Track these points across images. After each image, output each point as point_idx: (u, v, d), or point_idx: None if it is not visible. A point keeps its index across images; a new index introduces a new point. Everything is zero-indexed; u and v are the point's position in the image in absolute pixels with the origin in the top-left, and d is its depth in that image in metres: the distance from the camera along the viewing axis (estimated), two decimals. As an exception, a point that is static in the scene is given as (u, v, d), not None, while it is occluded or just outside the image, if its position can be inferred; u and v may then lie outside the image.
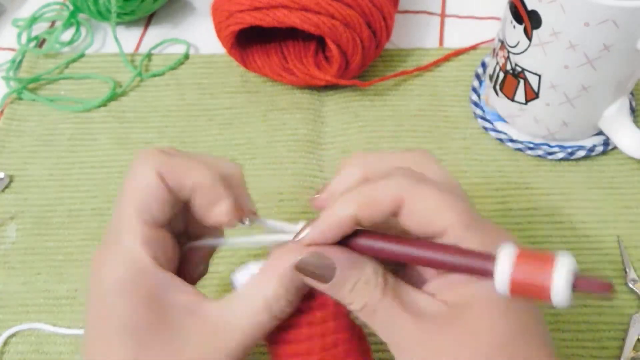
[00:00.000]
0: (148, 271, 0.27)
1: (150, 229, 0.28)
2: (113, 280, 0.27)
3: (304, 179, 0.48)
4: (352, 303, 0.27)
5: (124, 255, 0.28)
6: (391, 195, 0.26)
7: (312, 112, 0.53)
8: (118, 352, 0.26)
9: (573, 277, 0.23)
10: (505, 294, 0.24)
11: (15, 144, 0.52)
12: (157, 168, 0.28)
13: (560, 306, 0.23)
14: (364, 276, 0.27)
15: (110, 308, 0.27)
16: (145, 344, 0.26)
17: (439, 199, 0.26)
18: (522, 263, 0.24)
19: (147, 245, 0.28)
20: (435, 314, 0.26)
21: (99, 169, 0.50)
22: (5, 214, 0.48)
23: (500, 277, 0.24)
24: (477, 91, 0.53)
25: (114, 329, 0.27)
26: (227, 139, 0.51)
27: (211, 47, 0.57)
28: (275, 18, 0.46)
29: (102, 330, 0.27)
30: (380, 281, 0.27)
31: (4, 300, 0.43)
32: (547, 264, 0.23)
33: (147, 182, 0.28)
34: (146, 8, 0.58)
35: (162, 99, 0.55)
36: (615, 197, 0.47)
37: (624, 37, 0.40)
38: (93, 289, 0.28)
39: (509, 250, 0.24)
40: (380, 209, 0.26)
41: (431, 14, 0.60)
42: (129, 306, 0.27)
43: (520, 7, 0.42)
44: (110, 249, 0.28)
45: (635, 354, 0.39)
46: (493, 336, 0.26)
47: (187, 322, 0.27)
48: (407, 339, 0.26)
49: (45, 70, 0.56)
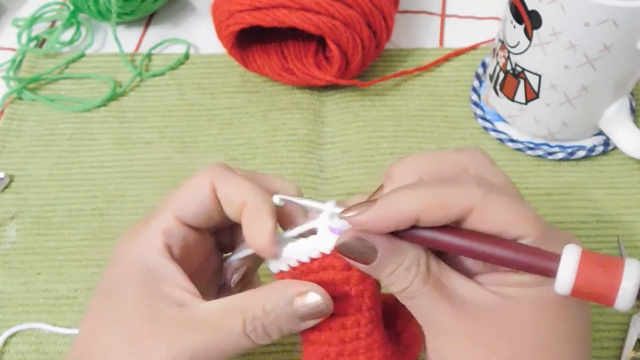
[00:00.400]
0: (153, 259, 0.29)
1: (180, 225, 0.30)
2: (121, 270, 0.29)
3: (304, 179, 0.48)
4: (392, 285, 0.27)
5: (140, 240, 0.30)
6: (462, 203, 0.26)
7: (312, 112, 0.53)
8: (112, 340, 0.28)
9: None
10: (566, 294, 0.24)
11: (15, 144, 0.52)
12: (213, 180, 0.30)
13: (622, 311, 0.23)
14: (405, 263, 0.27)
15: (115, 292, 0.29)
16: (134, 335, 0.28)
17: (512, 209, 0.26)
18: (587, 265, 0.24)
19: (166, 235, 0.29)
20: (479, 304, 0.26)
21: (99, 169, 0.50)
22: (5, 214, 0.48)
23: (564, 277, 0.24)
24: (477, 91, 0.53)
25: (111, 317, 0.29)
26: (227, 139, 0.51)
27: (211, 47, 0.57)
28: (276, 18, 0.46)
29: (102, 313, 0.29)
30: (422, 269, 0.27)
31: (4, 300, 0.43)
32: (617, 269, 0.23)
33: (196, 187, 0.30)
34: (146, 8, 0.58)
35: (162, 99, 0.55)
36: (615, 197, 0.47)
37: (624, 37, 0.39)
38: (108, 271, 0.30)
39: (575, 251, 0.24)
40: (446, 214, 0.26)
41: (431, 14, 0.60)
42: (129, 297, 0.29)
43: (520, 7, 0.42)
44: (133, 230, 0.31)
45: (635, 354, 0.39)
46: (537, 336, 0.26)
47: (172, 312, 0.28)
48: (444, 327, 0.27)
49: (45, 70, 0.56)
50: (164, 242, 0.29)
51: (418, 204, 0.26)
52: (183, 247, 0.30)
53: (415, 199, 0.26)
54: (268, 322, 0.28)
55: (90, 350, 0.29)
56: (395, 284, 0.27)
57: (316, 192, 0.48)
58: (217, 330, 0.28)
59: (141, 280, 0.29)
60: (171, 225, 0.30)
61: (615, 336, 0.40)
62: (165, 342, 0.27)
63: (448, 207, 0.26)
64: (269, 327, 0.28)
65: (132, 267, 0.29)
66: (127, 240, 0.31)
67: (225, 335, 0.28)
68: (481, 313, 0.26)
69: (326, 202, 0.29)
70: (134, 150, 0.51)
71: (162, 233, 0.29)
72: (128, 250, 0.30)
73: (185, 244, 0.30)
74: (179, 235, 0.30)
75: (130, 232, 0.31)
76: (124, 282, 0.29)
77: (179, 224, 0.30)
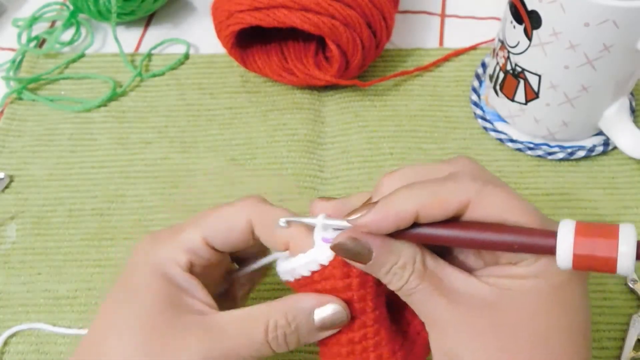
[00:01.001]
0: (174, 272, 0.30)
1: (206, 247, 0.30)
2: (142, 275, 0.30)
3: (304, 179, 0.48)
4: (390, 283, 0.28)
5: (163, 251, 0.30)
6: (459, 198, 0.26)
7: (312, 112, 0.53)
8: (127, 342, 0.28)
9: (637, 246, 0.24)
10: (568, 267, 0.25)
11: (15, 144, 0.52)
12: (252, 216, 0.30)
13: (625, 274, 0.24)
14: (401, 261, 0.28)
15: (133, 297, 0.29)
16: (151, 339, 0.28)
17: (509, 200, 0.27)
18: (583, 236, 0.24)
19: (191, 253, 0.30)
20: (475, 297, 0.27)
21: (99, 169, 0.50)
22: (5, 214, 0.48)
23: (563, 250, 0.24)
24: (477, 91, 0.53)
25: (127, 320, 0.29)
26: (227, 139, 0.51)
27: (211, 47, 0.57)
28: (275, 18, 0.46)
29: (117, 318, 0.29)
30: (418, 267, 0.28)
31: (4, 300, 0.43)
32: (613, 235, 0.24)
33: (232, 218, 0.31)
34: (146, 8, 0.58)
35: (162, 99, 0.55)
36: (615, 197, 0.47)
37: (624, 37, 0.40)
38: (126, 273, 0.31)
39: (570, 224, 0.25)
40: (444, 210, 0.27)
41: (431, 14, 0.60)
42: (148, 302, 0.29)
43: (520, 7, 0.42)
44: (156, 238, 0.31)
45: (635, 354, 0.39)
46: (533, 329, 0.26)
47: (194, 320, 0.29)
48: (442, 321, 0.27)
49: (45, 70, 0.56)
50: (188, 259, 0.30)
51: (416, 203, 0.26)
52: (205, 266, 0.31)
53: (413, 198, 0.27)
54: (289, 332, 0.29)
55: (101, 353, 0.28)
56: (392, 282, 0.28)
57: (316, 192, 0.48)
58: (240, 336, 0.29)
59: (162, 289, 0.29)
60: (197, 246, 0.30)
61: (615, 336, 0.40)
62: (187, 348, 0.28)
63: (446, 203, 0.26)
64: (289, 337, 0.29)
65: (153, 275, 0.30)
66: (149, 246, 0.31)
67: (247, 341, 0.29)
68: (478, 305, 0.27)
69: (316, 217, 0.29)
70: (134, 150, 0.51)
71: (187, 251, 0.30)
72: (149, 256, 0.30)
73: (208, 265, 0.31)
74: (204, 256, 0.30)
75: (152, 239, 0.31)
76: (143, 288, 0.29)
77: (205, 246, 0.30)
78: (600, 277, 0.43)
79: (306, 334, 0.30)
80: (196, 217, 0.31)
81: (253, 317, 0.29)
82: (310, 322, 0.29)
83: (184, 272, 0.30)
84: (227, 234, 0.30)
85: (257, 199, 0.31)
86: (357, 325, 0.30)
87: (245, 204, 0.31)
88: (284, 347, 0.29)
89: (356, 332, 0.30)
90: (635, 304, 0.41)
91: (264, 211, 0.30)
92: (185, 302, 0.29)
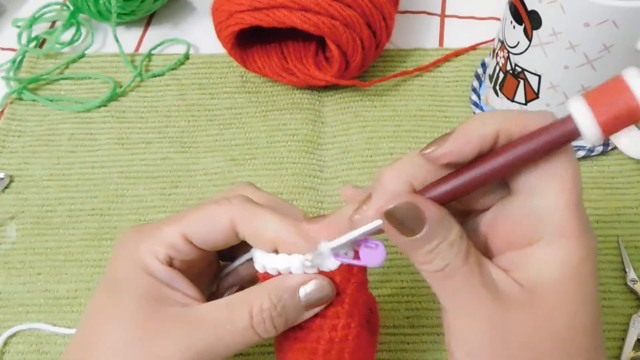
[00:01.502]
0: (154, 266, 0.30)
1: (185, 243, 0.30)
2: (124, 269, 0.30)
3: (304, 179, 0.48)
4: (430, 263, 0.26)
5: (143, 246, 0.30)
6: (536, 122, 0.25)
7: (312, 112, 0.53)
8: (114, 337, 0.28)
9: None
10: (599, 137, 0.24)
11: (15, 144, 0.52)
12: (235, 217, 0.30)
13: None
14: (450, 237, 0.25)
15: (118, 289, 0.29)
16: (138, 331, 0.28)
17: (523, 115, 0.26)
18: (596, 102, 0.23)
19: (170, 248, 0.30)
20: (509, 292, 0.25)
21: (99, 169, 0.50)
22: (5, 214, 0.48)
23: (586, 125, 0.23)
24: (477, 91, 0.53)
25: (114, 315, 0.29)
26: (227, 139, 0.51)
27: (211, 47, 0.57)
28: (275, 18, 0.46)
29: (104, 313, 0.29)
30: (464, 247, 0.25)
31: (4, 300, 0.43)
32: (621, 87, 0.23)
33: (214, 218, 0.30)
34: (146, 8, 0.58)
35: (162, 99, 0.55)
36: (615, 197, 0.47)
37: (624, 37, 0.40)
38: (111, 268, 0.31)
39: (578, 99, 0.24)
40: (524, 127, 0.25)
41: (431, 14, 0.60)
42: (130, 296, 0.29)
43: (520, 7, 0.42)
44: (138, 233, 0.31)
45: (635, 354, 0.39)
46: (570, 327, 0.25)
47: (177, 311, 0.29)
48: (478, 313, 0.25)
49: (45, 70, 0.56)
50: (166, 253, 0.30)
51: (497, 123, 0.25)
52: (185, 261, 0.31)
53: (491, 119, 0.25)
54: (275, 314, 0.28)
55: (92, 346, 0.29)
56: (434, 261, 0.25)
57: (316, 192, 0.48)
58: (224, 324, 0.28)
59: (144, 281, 0.29)
60: (176, 242, 0.30)
61: (615, 336, 0.40)
62: (171, 339, 0.28)
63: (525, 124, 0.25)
64: (276, 319, 0.28)
65: (134, 268, 0.30)
66: (131, 241, 0.31)
67: (231, 328, 0.28)
68: (511, 302, 0.25)
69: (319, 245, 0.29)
70: (134, 150, 0.51)
71: (166, 245, 0.30)
72: (130, 250, 0.30)
73: (188, 259, 0.31)
74: (183, 251, 0.30)
75: (135, 233, 0.31)
76: (126, 281, 0.29)
77: (184, 242, 0.30)
78: (600, 277, 0.43)
79: (293, 313, 0.29)
80: (181, 213, 0.31)
81: (236, 303, 0.29)
82: (296, 300, 0.29)
83: (163, 265, 0.30)
84: (207, 232, 0.30)
85: (243, 198, 0.31)
86: (344, 324, 0.30)
87: (230, 203, 0.30)
88: (272, 331, 0.29)
89: (339, 331, 0.30)
90: (635, 304, 0.41)
91: (249, 211, 0.30)
92: (166, 294, 0.29)
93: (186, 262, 0.31)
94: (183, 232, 0.30)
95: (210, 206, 0.30)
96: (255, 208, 0.30)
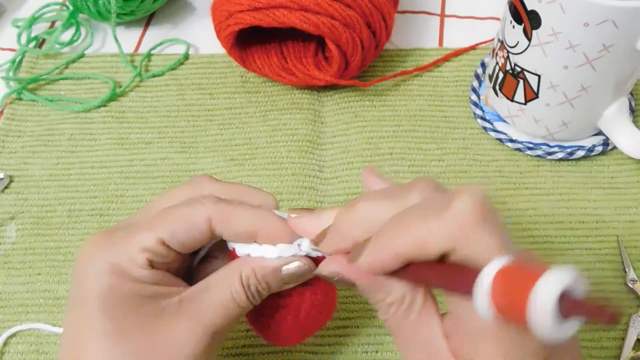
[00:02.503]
0: (137, 272, 0.29)
1: (163, 247, 0.30)
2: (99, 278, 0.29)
3: (304, 179, 0.48)
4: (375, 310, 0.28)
5: (118, 254, 0.29)
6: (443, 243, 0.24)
7: (312, 112, 0.53)
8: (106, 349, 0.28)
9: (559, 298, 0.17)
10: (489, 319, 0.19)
11: (15, 144, 0.52)
12: (211, 216, 0.30)
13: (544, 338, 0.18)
14: (389, 300, 0.27)
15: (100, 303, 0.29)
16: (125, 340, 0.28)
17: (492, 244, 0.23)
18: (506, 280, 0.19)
19: (148, 252, 0.30)
20: None
21: (99, 169, 0.50)
22: (5, 214, 0.48)
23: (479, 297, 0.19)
24: (476, 91, 0.53)
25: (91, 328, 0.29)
26: (226, 139, 0.51)
27: (211, 47, 0.57)
28: (275, 18, 0.46)
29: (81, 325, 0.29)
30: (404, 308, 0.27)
31: (4, 300, 0.43)
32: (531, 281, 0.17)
33: (191, 221, 0.30)
34: (146, 8, 0.58)
35: (162, 99, 0.55)
36: (615, 197, 0.47)
37: (623, 37, 0.40)
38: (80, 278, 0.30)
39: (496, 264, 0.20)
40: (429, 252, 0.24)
41: (431, 14, 0.60)
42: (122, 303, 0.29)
43: (519, 7, 0.42)
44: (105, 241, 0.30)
45: (635, 354, 0.39)
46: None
47: (164, 303, 0.30)
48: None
49: (45, 70, 0.56)
50: (145, 258, 0.29)
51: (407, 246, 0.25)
52: (164, 263, 0.31)
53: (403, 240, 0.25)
54: (255, 282, 0.30)
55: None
56: (378, 312, 0.28)
57: (316, 192, 0.48)
58: (218, 286, 0.30)
59: (129, 289, 0.29)
60: (154, 247, 0.29)
61: (615, 336, 0.40)
62: (178, 328, 0.29)
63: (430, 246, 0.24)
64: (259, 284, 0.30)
65: (114, 278, 0.29)
66: (102, 248, 0.30)
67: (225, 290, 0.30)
68: None
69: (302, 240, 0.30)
70: (134, 151, 0.51)
71: (144, 250, 0.29)
72: (103, 261, 0.29)
73: (167, 261, 0.31)
74: (162, 253, 0.30)
75: (104, 239, 0.30)
76: (107, 292, 0.29)
77: (162, 246, 0.30)
78: (600, 277, 0.43)
79: (275, 285, 0.31)
80: (154, 217, 0.30)
81: (226, 268, 0.31)
82: (279, 278, 0.31)
83: (146, 270, 0.29)
84: (186, 236, 0.30)
85: (214, 198, 0.30)
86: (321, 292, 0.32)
87: (203, 204, 0.30)
88: (256, 298, 0.31)
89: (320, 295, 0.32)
90: (635, 304, 0.41)
91: (224, 211, 0.30)
92: (159, 292, 0.30)
93: (165, 264, 0.31)
94: (159, 237, 0.29)
95: (183, 209, 0.30)
96: (230, 207, 0.30)
